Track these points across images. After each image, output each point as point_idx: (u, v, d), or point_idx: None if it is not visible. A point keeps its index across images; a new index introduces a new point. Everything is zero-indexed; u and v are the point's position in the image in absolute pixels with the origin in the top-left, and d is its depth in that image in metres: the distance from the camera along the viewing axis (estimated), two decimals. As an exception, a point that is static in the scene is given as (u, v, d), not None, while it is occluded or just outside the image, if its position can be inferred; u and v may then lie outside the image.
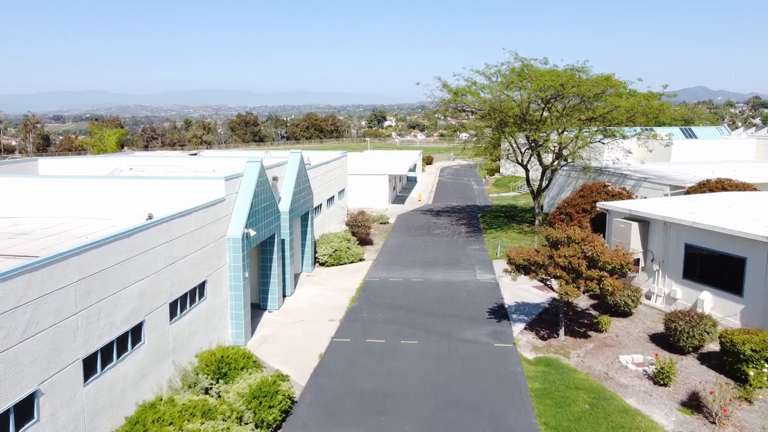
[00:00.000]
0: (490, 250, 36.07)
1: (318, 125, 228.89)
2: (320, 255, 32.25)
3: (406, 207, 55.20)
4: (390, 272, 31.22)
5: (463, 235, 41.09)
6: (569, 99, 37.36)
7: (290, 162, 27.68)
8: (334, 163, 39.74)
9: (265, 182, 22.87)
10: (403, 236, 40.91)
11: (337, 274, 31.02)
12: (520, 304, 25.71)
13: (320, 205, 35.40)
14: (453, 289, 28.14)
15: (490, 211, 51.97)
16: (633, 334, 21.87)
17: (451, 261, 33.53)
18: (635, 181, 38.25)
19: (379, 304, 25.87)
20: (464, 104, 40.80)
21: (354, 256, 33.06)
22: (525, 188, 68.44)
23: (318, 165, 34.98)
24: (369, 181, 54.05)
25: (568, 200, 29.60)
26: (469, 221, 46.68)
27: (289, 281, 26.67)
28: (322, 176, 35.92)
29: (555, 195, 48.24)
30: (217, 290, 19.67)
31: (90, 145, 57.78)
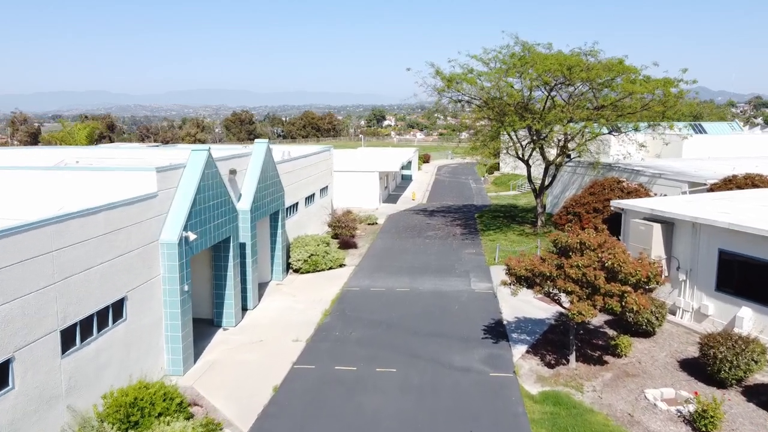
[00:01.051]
0: (488, 254, 32.20)
1: (315, 124, 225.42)
2: (294, 260, 28.38)
3: (398, 207, 51.36)
4: (373, 280, 27.37)
5: (458, 237, 37.23)
6: (577, 86, 33.49)
7: (255, 153, 23.83)
8: (315, 157, 35.88)
9: (215, 175, 19.01)
10: (392, 238, 37.04)
11: (312, 282, 27.16)
12: (522, 319, 21.86)
13: (296, 204, 31.54)
14: (444, 300, 24.28)
15: (489, 211, 48.12)
16: (659, 360, 18.01)
17: (443, 267, 29.66)
18: (648, 178, 34.37)
19: (355, 320, 22.01)
20: (460, 92, 36.91)
21: (333, 262, 29.20)
22: (526, 187, 64.58)
23: (294, 158, 31.12)
24: (358, 179, 50.19)
25: (577, 198, 25.82)
26: (466, 222, 42.81)
27: (251, 292, 22.81)
28: (300, 171, 32.06)
29: (559, 193, 44.38)
30: (145, 308, 15.81)
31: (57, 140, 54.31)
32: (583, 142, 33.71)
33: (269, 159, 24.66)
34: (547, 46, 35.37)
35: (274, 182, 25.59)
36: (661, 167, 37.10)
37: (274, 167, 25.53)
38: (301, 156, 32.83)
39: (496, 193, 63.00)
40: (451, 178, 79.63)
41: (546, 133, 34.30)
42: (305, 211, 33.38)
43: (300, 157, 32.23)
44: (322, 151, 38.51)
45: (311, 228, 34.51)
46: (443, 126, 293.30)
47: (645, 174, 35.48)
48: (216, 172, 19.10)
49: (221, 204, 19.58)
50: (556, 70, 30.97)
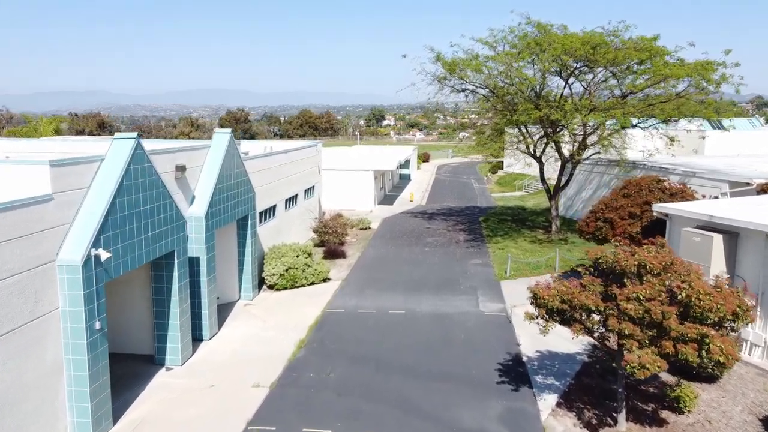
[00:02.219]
0: (497, 265, 27.70)
1: (312, 123, 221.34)
2: (268, 275, 23.88)
3: (395, 209, 46.84)
4: (361, 299, 22.88)
5: (462, 244, 32.73)
6: (598, 71, 28.95)
7: (213, 146, 19.31)
8: (299, 153, 31.39)
9: (149, 172, 14.52)
10: (386, 245, 32.53)
11: (289, 301, 22.65)
12: (546, 354, 17.38)
13: (273, 207, 27.02)
14: (447, 326, 19.80)
15: (495, 214, 43.60)
16: (734, 417, 13.54)
17: (445, 281, 25.17)
18: (679, 177, 29.85)
19: (336, 353, 17.53)
20: (464, 80, 32.40)
21: (315, 275, 24.69)
22: (533, 187, 60.14)
23: (270, 154, 26.61)
24: (351, 178, 45.69)
25: (607, 201, 21.38)
26: (470, 226, 38.30)
27: (207, 318, 18.31)
28: (279, 169, 27.56)
29: (573, 195, 39.90)
30: (31, 357, 11.31)
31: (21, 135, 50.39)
32: (607, 136, 29.17)
33: (233, 153, 20.15)
34: (561, 27, 30.86)
35: (241, 181, 21.08)
36: (692, 165, 32.60)
37: (241, 164, 21.02)
38: (281, 151, 28.33)
39: (501, 194, 58.51)
40: (452, 177, 75.17)
41: (564, 125, 29.78)
42: (285, 215, 28.87)
43: (279, 152, 27.73)
44: (308, 147, 34.02)
45: (293, 234, 30.01)
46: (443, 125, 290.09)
47: (675, 172, 30.98)
48: (150, 169, 14.60)
49: (160, 209, 15.08)
50: (578, 50, 26.45)
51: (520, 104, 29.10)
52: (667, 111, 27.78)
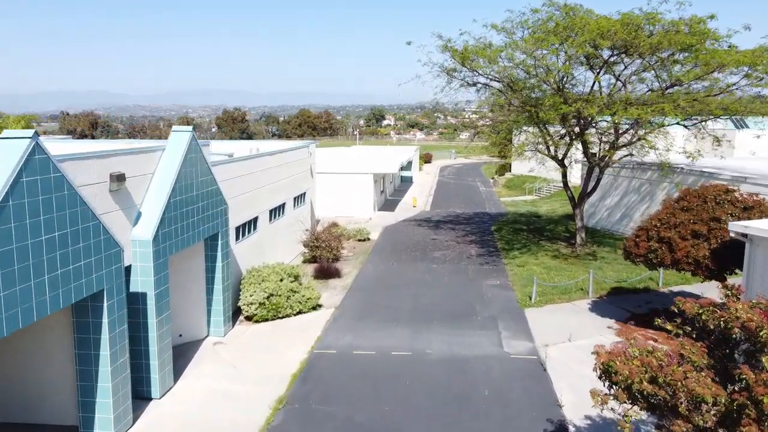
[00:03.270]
0: (518, 287, 23.55)
1: (311, 122, 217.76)
2: (245, 303, 19.72)
3: (397, 215, 42.69)
4: (357, 334, 18.73)
5: (475, 259, 28.56)
6: (636, 60, 24.73)
7: (169, 149, 15.14)
8: (286, 156, 27.25)
9: (57, 185, 10.39)
10: (388, 261, 28.37)
11: (269, 338, 18.50)
12: (599, 424, 13.21)
13: (254, 220, 22.88)
14: (464, 377, 15.66)
15: (507, 222, 39.43)
16: None
17: (458, 309, 21.02)
18: (726, 183, 25.73)
19: (324, 420, 13.40)
20: (475, 72, 28.24)
21: (303, 303, 20.56)
22: (544, 190, 56.02)
23: (250, 157, 22.46)
24: (348, 182, 41.56)
25: (661, 217, 17.26)
26: (481, 237, 34.15)
27: (157, 370, 14.16)
28: (261, 175, 23.42)
29: (596, 201, 35.73)
30: None
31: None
32: (645, 135, 24.96)
33: (196, 158, 15.98)
34: (587, 12, 26.65)
35: (208, 192, 16.92)
36: (738, 169, 28.48)
37: (208, 170, 16.85)
38: (264, 153, 24.18)
39: (511, 198, 54.36)
40: (457, 180, 71.04)
41: (595, 123, 25.65)
42: (270, 229, 24.71)
43: (261, 155, 23.57)
44: (299, 148, 29.88)
45: (279, 250, 25.87)
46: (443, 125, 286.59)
47: (720, 177, 26.89)
48: (60, 181, 10.46)
49: (78, 236, 10.95)
50: (618, 32, 22.27)
51: (545, 98, 24.90)
52: (726, 105, 23.58)
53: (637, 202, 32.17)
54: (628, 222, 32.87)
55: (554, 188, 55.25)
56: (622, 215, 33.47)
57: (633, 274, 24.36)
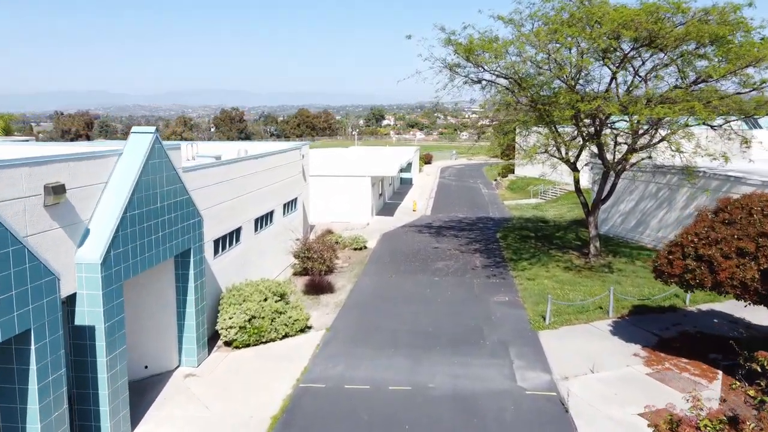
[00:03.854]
0: (529, 305, 21.28)
1: (310, 122, 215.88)
2: (224, 327, 17.44)
3: (396, 221, 40.43)
4: (350, 363, 16.47)
5: (480, 271, 26.31)
6: (660, 51, 22.41)
7: (127, 154, 12.86)
8: (275, 158, 24.99)
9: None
10: (385, 273, 26.10)
11: (249, 368, 16.22)
12: (638, 486, 10.93)
13: (237, 231, 20.61)
14: (472, 419, 13.39)
15: (512, 228, 37.16)
16: None
17: (464, 332, 18.76)
18: (755, 188, 23.49)
19: (305, 482, 11.13)
20: (482, 66, 25.98)
21: (290, 326, 18.30)
22: (549, 193, 53.75)
23: (231, 162, 20.17)
24: (345, 186, 39.30)
25: (698, 231, 15.02)
26: (486, 245, 31.88)
27: (108, 417, 11.89)
28: (244, 181, 21.16)
29: (609, 207, 33.44)
30: None
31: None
32: (669, 136, 22.65)
33: (161, 163, 13.70)
34: (603, 1, 24.36)
35: (177, 203, 14.65)
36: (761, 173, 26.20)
37: (176, 177, 14.58)
38: (248, 157, 21.90)
39: (515, 202, 52.08)
40: (458, 181, 68.75)
41: (613, 122, 23.40)
42: (255, 240, 22.44)
43: (244, 158, 21.29)
44: (289, 150, 27.61)
45: (267, 262, 23.62)
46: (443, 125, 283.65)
47: (749, 182, 24.63)
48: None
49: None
50: (643, 23, 20.00)
51: (560, 95, 22.60)
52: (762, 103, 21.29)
53: (654, 208, 29.91)
54: (644, 229, 30.62)
55: (560, 191, 52.99)
56: (637, 222, 31.21)
57: (656, 290, 22.10)
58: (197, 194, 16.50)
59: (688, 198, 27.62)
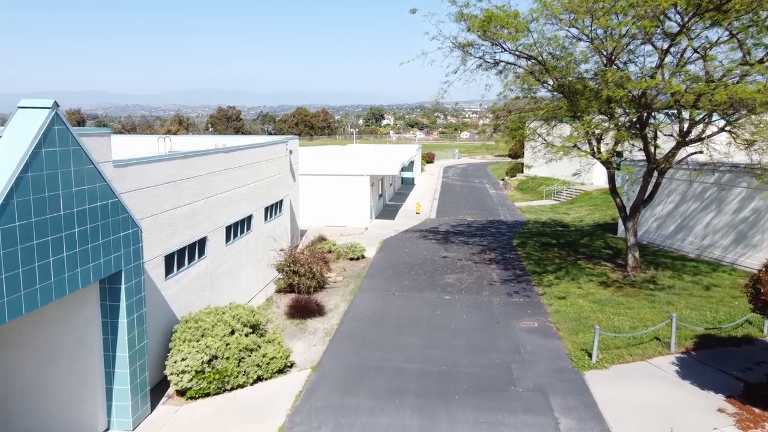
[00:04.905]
0: (566, 334, 17.10)
1: (308, 121, 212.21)
2: (175, 372, 13.25)
3: (398, 224, 36.28)
4: (341, 422, 12.30)
5: (499, 287, 22.16)
6: (725, 21, 18.20)
7: (7, 136, 8.68)
8: (253, 153, 20.83)
9: None
10: (387, 290, 21.93)
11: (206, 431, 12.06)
12: None
13: (200, 242, 16.41)
14: None
15: (529, 234, 33.00)
16: None
17: (488, 374, 14.59)
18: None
19: None
20: (500, 42, 21.83)
21: (264, 367, 14.14)
22: (564, 194, 49.60)
23: (186, 156, 15.97)
24: (341, 186, 35.17)
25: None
26: (502, 254, 27.72)
27: None
28: (210, 180, 17.00)
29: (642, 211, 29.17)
30: None
31: None
32: (737, 122, 18.46)
33: (67, 153, 9.54)
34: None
35: (98, 209, 10.46)
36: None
37: (98, 174, 10.40)
38: (218, 150, 17.72)
39: (527, 203, 47.91)
40: (463, 181, 64.60)
41: (665, 108, 19.28)
42: (227, 252, 18.25)
43: (207, 152, 17.07)
44: (273, 144, 23.46)
45: (243, 279, 19.47)
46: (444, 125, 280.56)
47: (822, 182, 20.44)
48: None
49: None
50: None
51: (607, 73, 18.36)
52: None
53: (699, 211, 25.76)
54: (686, 235, 26.46)
55: (575, 192, 48.85)
56: (677, 227, 27.04)
57: (720, 314, 17.96)
58: (137, 197, 12.36)
59: (743, 199, 23.46)
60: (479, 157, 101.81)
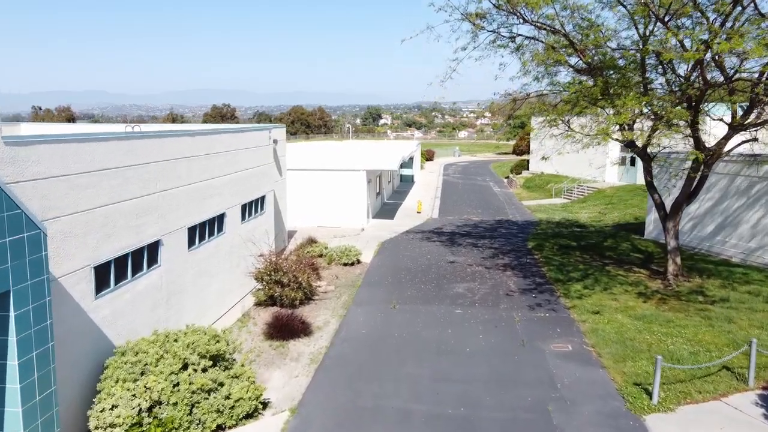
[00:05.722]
0: (609, 361, 13.72)
1: (304, 120, 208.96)
2: (101, 424, 9.81)
3: (397, 225, 32.90)
4: (326, 499, 8.93)
5: (518, 298, 18.79)
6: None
7: None
8: (223, 140, 17.43)
9: None
10: (386, 302, 18.53)
11: None
12: None
13: (146, 249, 12.94)
14: None
15: (545, 235, 29.65)
16: None
17: (519, 423, 11.22)
18: None
19: None
20: (519, 11, 18.53)
21: (226, 413, 10.73)
22: (575, 192, 46.30)
23: (130, 136, 12.51)
24: (336, 182, 31.80)
25: None
26: (517, 258, 24.38)
27: None
28: (162, 169, 13.59)
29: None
30: None
31: None
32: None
33: None
34: None
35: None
36: None
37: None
38: (171, 133, 14.29)
39: (536, 202, 44.56)
40: (464, 179, 61.25)
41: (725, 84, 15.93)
42: (192, 259, 14.82)
43: (158, 134, 13.63)
44: (254, 131, 20.07)
45: (213, 291, 16.07)
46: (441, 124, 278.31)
47: None
48: None
49: None
50: None
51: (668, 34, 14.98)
52: None
53: (744, 209, 22.46)
54: (728, 237, 23.15)
55: (587, 190, 45.53)
56: (717, 227, 23.74)
57: (796, 335, 14.64)
58: (47, 187, 8.98)
59: (802, 196, 20.16)
60: (480, 155, 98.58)
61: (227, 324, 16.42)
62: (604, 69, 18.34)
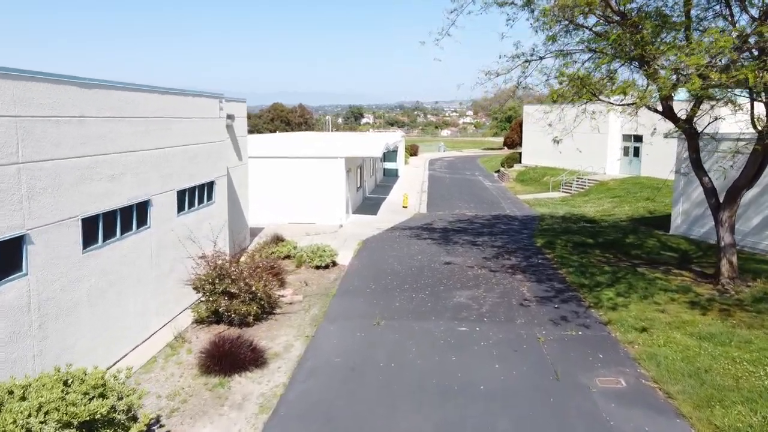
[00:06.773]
0: (687, 405, 9.61)
1: (285, 117, 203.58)
2: None
3: (380, 221, 28.65)
4: None
5: (536, 309, 14.63)
6: None
7: None
8: (153, 101, 12.98)
9: None
10: (367, 319, 14.23)
11: None
12: None
13: (17, 252, 8.51)
14: None
15: (553, 231, 25.61)
16: None
17: None
18: None
19: None
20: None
21: None
22: (575, 185, 42.46)
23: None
24: (309, 172, 27.45)
25: None
26: (526, 257, 20.26)
27: None
28: (36, 131, 9.14)
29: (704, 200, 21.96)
30: None
31: None
32: None
33: None
34: None
35: None
36: None
37: None
38: (62, 79, 9.85)
39: (532, 196, 40.61)
40: (452, 174, 57.28)
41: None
42: (90, 264, 10.38)
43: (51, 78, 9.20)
44: (196, 96, 15.65)
45: (127, 307, 11.64)
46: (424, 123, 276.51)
47: None
48: None
49: None
50: None
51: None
52: None
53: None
54: (778, 232, 19.26)
55: (588, 182, 41.72)
56: (763, 221, 19.84)
57: None
58: None
59: None
60: (466, 150, 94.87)
61: (150, 353, 12.01)
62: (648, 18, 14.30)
